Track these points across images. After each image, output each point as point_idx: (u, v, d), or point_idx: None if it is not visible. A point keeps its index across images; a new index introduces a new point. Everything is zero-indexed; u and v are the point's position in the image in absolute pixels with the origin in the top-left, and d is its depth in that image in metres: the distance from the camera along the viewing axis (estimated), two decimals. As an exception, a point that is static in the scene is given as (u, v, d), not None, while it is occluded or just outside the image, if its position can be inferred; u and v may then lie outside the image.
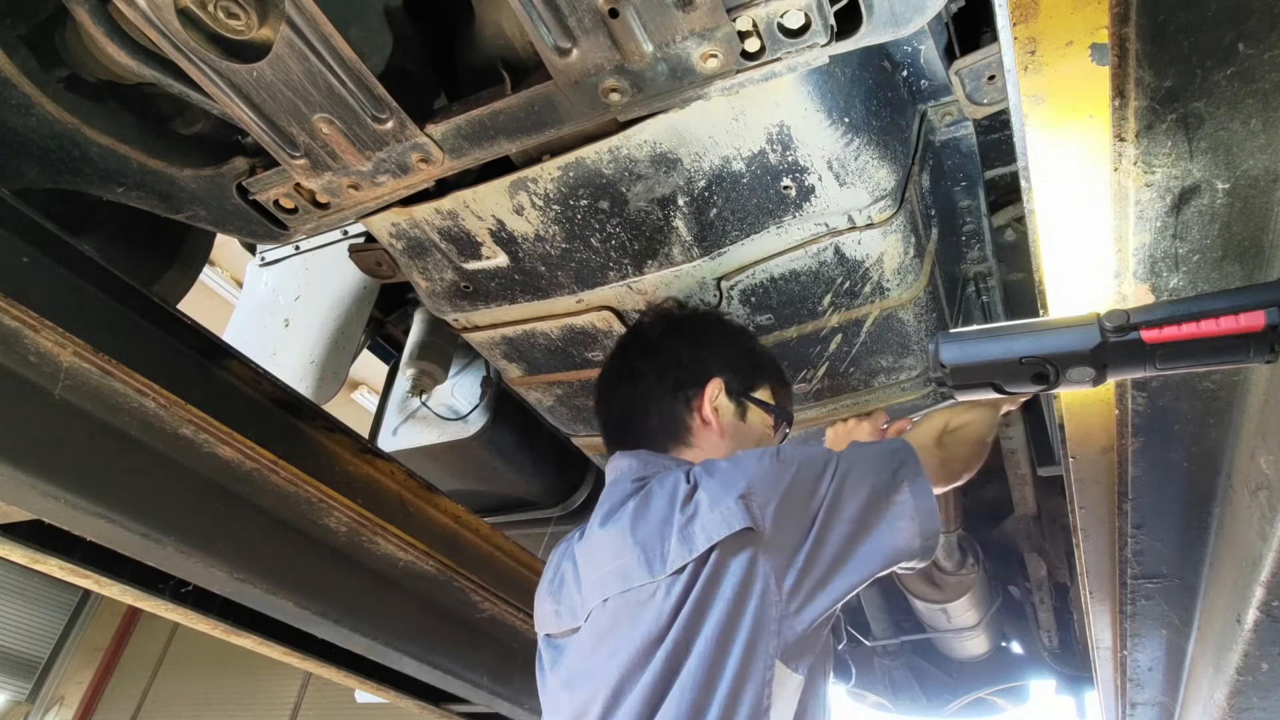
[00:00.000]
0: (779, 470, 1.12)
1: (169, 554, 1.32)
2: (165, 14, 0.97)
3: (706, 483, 1.12)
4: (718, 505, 1.08)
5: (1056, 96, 0.76)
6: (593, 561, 1.18)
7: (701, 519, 1.08)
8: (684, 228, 1.33)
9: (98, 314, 1.27)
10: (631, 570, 1.09)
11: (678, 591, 1.04)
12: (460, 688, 1.99)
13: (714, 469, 1.15)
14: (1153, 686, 1.93)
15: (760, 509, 1.07)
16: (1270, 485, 0.96)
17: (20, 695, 8.96)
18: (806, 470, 1.13)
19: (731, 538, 1.05)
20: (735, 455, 1.19)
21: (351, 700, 2.61)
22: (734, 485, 1.10)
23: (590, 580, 1.17)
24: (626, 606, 1.08)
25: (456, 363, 2.40)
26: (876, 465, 1.17)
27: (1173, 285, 0.93)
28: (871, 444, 1.25)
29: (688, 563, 1.06)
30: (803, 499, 1.11)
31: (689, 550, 1.06)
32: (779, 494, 1.10)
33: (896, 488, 1.15)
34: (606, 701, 1.04)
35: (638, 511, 1.15)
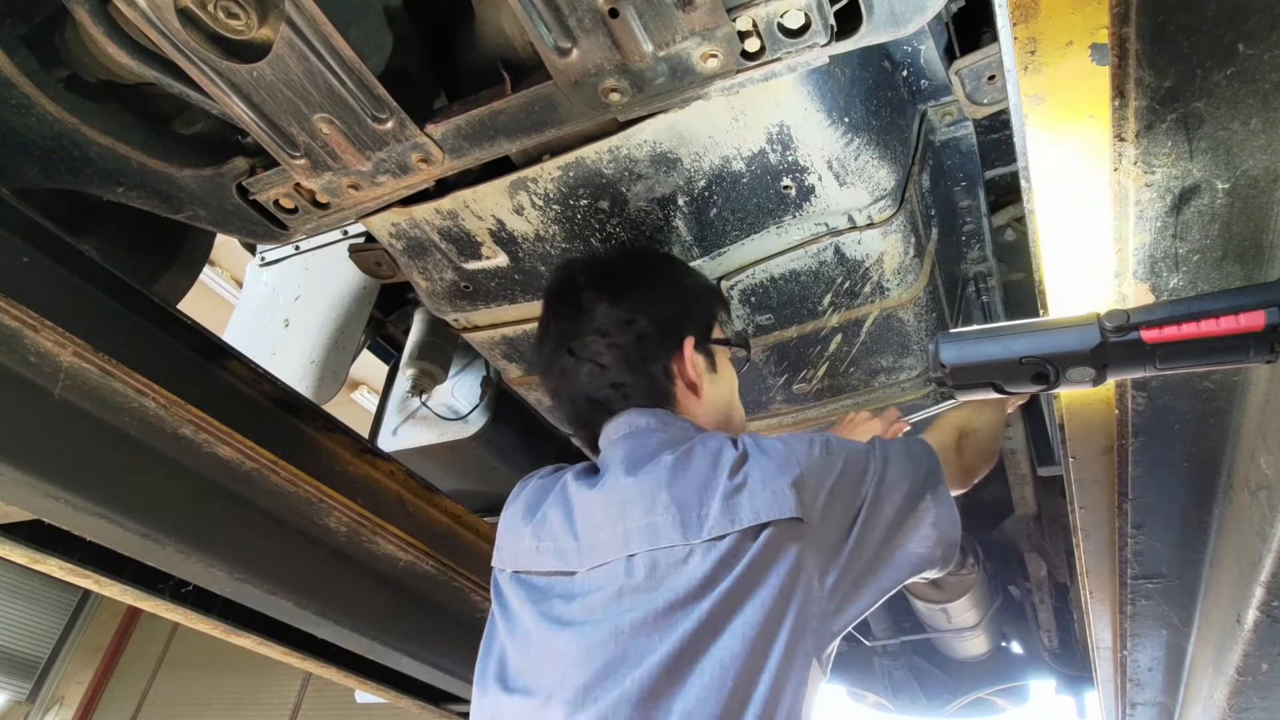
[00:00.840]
0: (829, 461, 1.07)
1: (169, 554, 1.32)
2: (165, 14, 0.97)
3: (758, 456, 1.06)
4: (769, 484, 1.02)
5: (1056, 96, 0.76)
6: (612, 510, 1.09)
7: (750, 491, 1.02)
8: (684, 227, 1.33)
9: (98, 314, 1.27)
10: (663, 528, 1.03)
11: (714, 561, 0.98)
12: (460, 688, 1.99)
13: (765, 445, 1.09)
14: (1153, 686, 1.93)
15: (811, 498, 1.02)
16: (1270, 485, 0.96)
17: (20, 695, 8.96)
18: (852, 466, 1.09)
19: (782, 523, 1.00)
20: (784, 437, 1.11)
21: (351, 700, 2.61)
22: (789, 468, 1.04)
23: (607, 529, 1.08)
24: (653, 564, 1.02)
25: (456, 363, 2.40)
26: (909, 468, 1.14)
27: (1173, 285, 0.93)
28: (900, 443, 1.19)
29: (729, 533, 0.99)
30: (849, 494, 1.07)
31: (731, 520, 1.00)
32: (829, 486, 1.05)
33: (923, 494, 1.13)
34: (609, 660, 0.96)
35: (677, 467, 1.08)
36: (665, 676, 0.92)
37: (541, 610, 1.09)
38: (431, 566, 1.79)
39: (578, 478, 1.19)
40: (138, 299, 1.35)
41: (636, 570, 1.02)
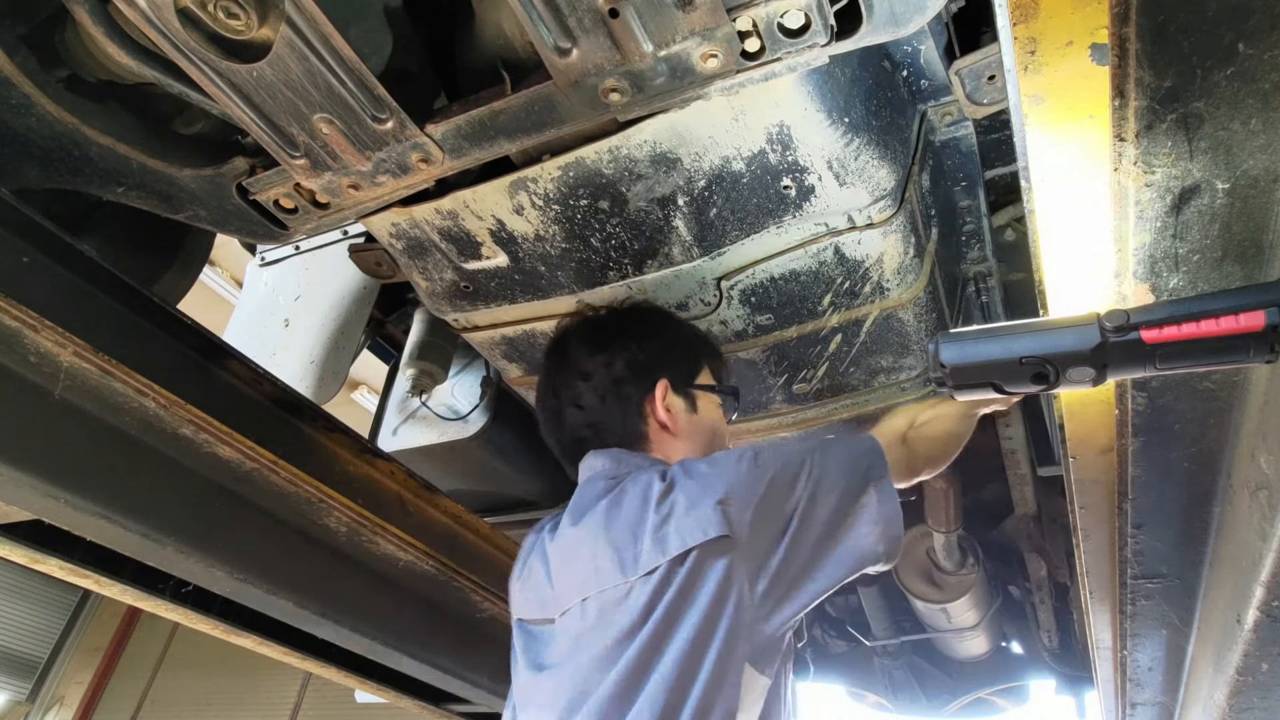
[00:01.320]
0: (756, 474, 1.12)
1: (169, 554, 1.32)
2: (165, 14, 0.97)
3: (684, 484, 1.13)
4: (694, 509, 1.08)
5: (1056, 96, 0.76)
6: (566, 559, 1.19)
7: (676, 521, 1.09)
8: (684, 227, 1.33)
9: (98, 314, 1.27)
10: (605, 570, 1.11)
11: (649, 592, 1.05)
12: (460, 688, 1.99)
13: (692, 470, 1.15)
14: (1153, 686, 1.93)
15: (737, 515, 1.08)
16: (1270, 485, 0.96)
17: (20, 695, 8.96)
18: (783, 474, 1.14)
19: (707, 544, 1.06)
20: (713, 457, 1.19)
21: (351, 700, 2.61)
22: (712, 490, 1.10)
23: (566, 577, 1.18)
24: (601, 606, 1.09)
25: (456, 363, 2.40)
26: (848, 467, 1.18)
27: (1173, 285, 0.93)
28: (843, 441, 1.23)
29: (660, 564, 1.06)
30: (778, 503, 1.12)
31: (662, 552, 1.07)
32: (756, 499, 1.10)
33: (864, 490, 1.16)
34: (573, 697, 1.05)
35: (610, 510, 1.16)
36: (615, 704, 1.01)
37: (530, 656, 1.20)
38: (431, 566, 1.79)
39: (553, 527, 1.29)
40: (138, 299, 1.35)
41: (589, 613, 1.10)
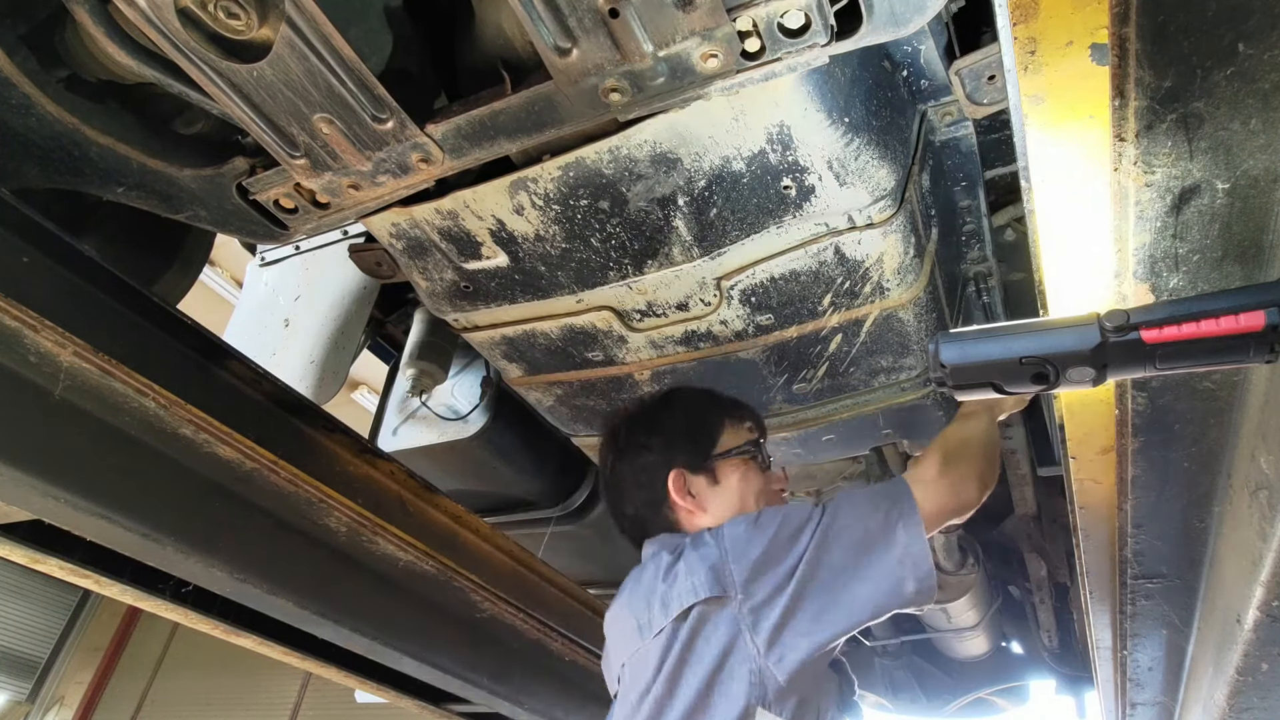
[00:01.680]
0: (753, 535, 1.22)
1: (169, 554, 1.32)
2: (165, 14, 0.97)
3: (689, 555, 1.25)
4: (691, 575, 1.20)
5: (1056, 96, 0.76)
6: (612, 633, 1.39)
7: (677, 587, 1.21)
8: (684, 227, 1.33)
9: (98, 314, 1.27)
10: (630, 638, 1.27)
11: (658, 651, 1.18)
12: (460, 688, 1.99)
13: (698, 541, 1.27)
14: (1153, 686, 1.93)
15: (730, 575, 1.18)
16: (1270, 485, 0.96)
17: (20, 695, 8.97)
18: (784, 529, 1.21)
19: (702, 604, 1.17)
20: (719, 528, 1.28)
21: (351, 700, 2.61)
22: (708, 556, 1.22)
23: (613, 649, 1.37)
24: (631, 670, 1.25)
25: (456, 363, 2.40)
26: (866, 510, 1.22)
27: (1173, 285, 0.93)
28: (865, 489, 1.30)
29: (664, 626, 1.19)
30: (779, 556, 1.19)
31: (665, 615, 1.20)
32: (752, 558, 1.19)
33: (889, 531, 1.18)
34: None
35: (636, 585, 1.33)
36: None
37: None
38: (431, 566, 1.79)
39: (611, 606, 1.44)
40: (138, 299, 1.35)
41: (625, 677, 1.27)
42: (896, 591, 1.15)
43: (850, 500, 1.25)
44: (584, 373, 1.71)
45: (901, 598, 1.15)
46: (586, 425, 1.90)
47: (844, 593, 1.15)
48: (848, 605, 1.15)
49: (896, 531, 1.17)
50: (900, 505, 1.21)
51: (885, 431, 1.81)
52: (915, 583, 1.15)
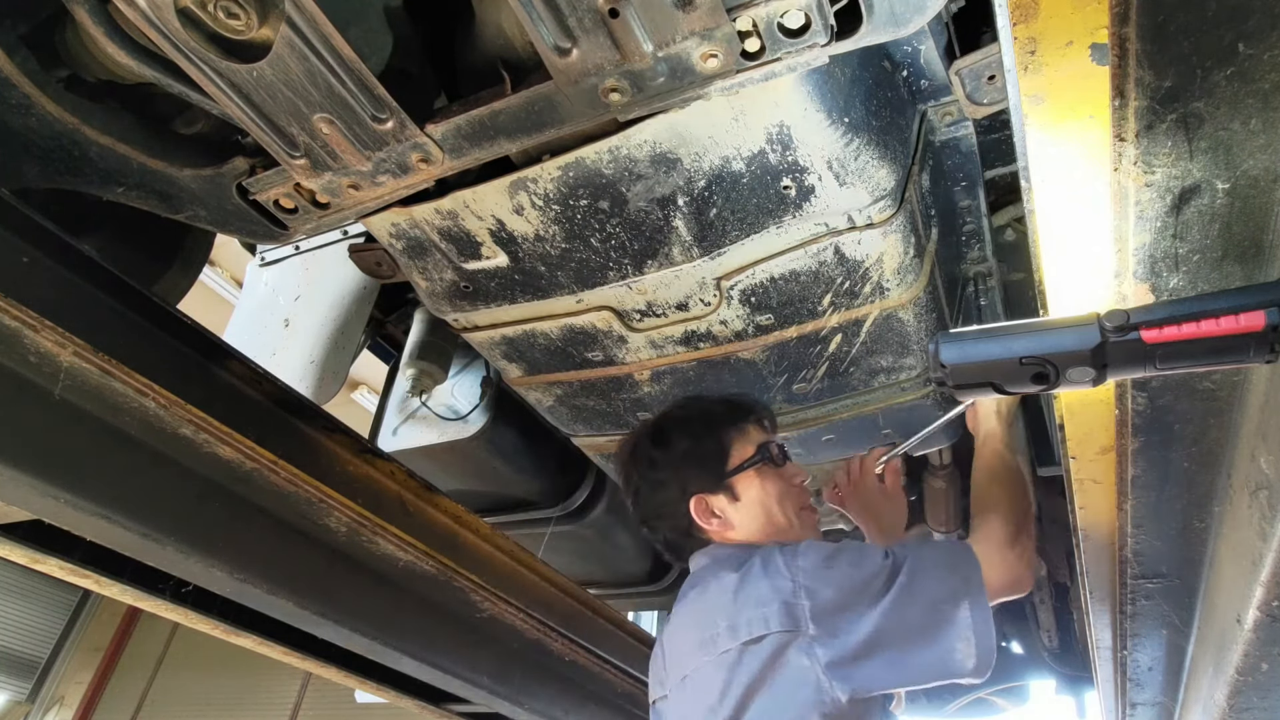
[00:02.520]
0: (828, 575, 1.23)
1: (169, 554, 1.32)
2: (165, 14, 0.97)
3: (759, 580, 1.26)
4: (763, 605, 1.22)
5: (1056, 96, 0.76)
6: (671, 643, 1.40)
7: (748, 613, 1.23)
8: (684, 228, 1.33)
9: (98, 314, 1.27)
10: (694, 651, 1.29)
11: (723, 672, 1.21)
12: (460, 688, 1.99)
13: (770, 566, 1.27)
14: (1153, 686, 1.93)
15: (804, 612, 1.20)
16: (1270, 485, 0.96)
17: (20, 695, 8.96)
18: (858, 575, 1.23)
19: (774, 635, 1.20)
20: (795, 550, 1.29)
21: (351, 700, 2.61)
22: (781, 589, 1.23)
23: (672, 659, 1.37)
24: (694, 684, 1.27)
25: (456, 363, 2.40)
26: (939, 577, 1.24)
27: (1173, 285, 0.93)
28: (936, 549, 1.33)
29: (730, 648, 1.22)
30: (852, 603, 1.21)
31: (733, 637, 1.23)
32: (825, 598, 1.21)
33: (956, 605, 1.21)
34: None
35: (698, 600, 1.35)
36: None
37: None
38: (431, 566, 1.79)
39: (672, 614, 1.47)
40: (138, 299, 1.35)
41: (686, 689, 1.29)
42: (960, 666, 1.19)
43: (923, 562, 1.25)
44: (584, 373, 1.71)
45: (961, 671, 1.19)
46: (586, 425, 1.90)
47: (911, 655, 1.19)
48: (913, 667, 1.20)
49: (962, 607, 1.20)
50: (970, 581, 1.23)
51: (885, 431, 1.80)
52: (975, 660, 1.18)
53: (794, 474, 1.53)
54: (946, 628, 1.19)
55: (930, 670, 1.20)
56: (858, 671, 1.18)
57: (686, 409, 1.56)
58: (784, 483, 1.49)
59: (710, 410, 1.53)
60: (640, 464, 1.52)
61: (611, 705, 2.51)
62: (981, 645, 1.19)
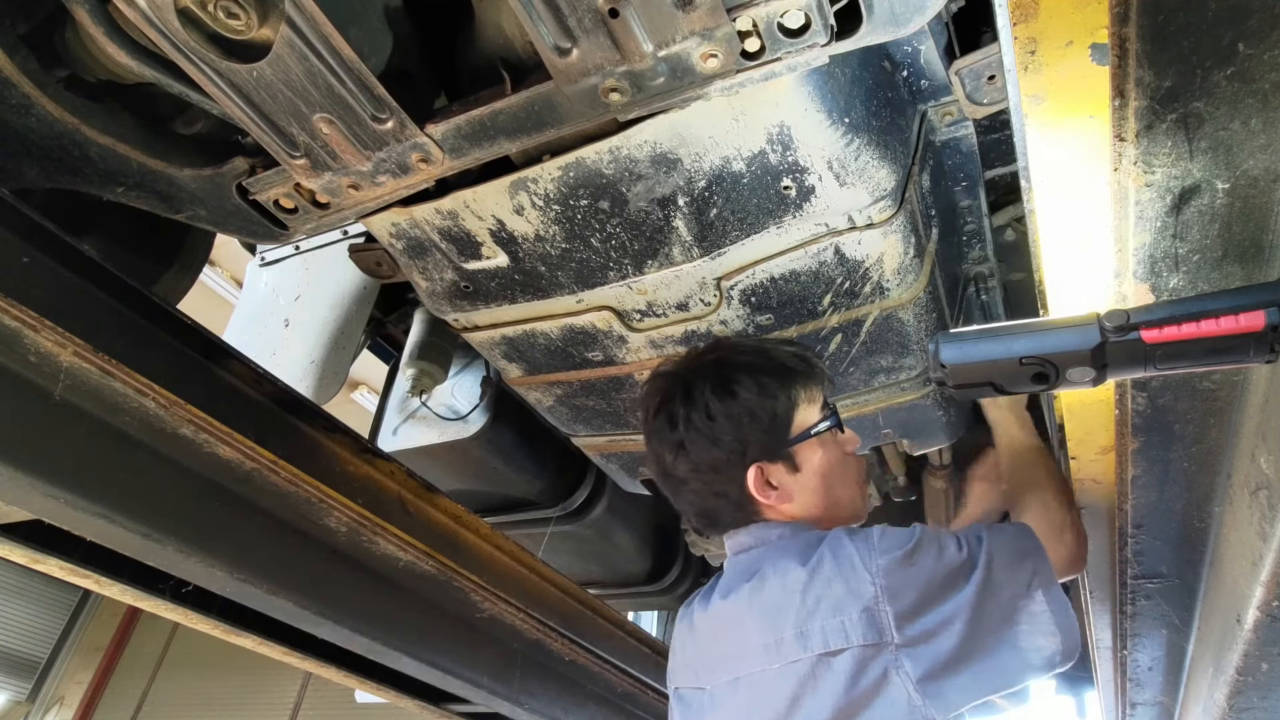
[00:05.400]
0: (909, 574, 1.10)
1: (169, 554, 1.32)
2: (165, 14, 0.97)
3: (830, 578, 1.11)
4: (840, 613, 1.08)
5: (1056, 96, 0.76)
6: (717, 635, 1.23)
7: (821, 620, 1.09)
8: (684, 228, 1.33)
9: (98, 314, 1.27)
10: (752, 654, 1.14)
11: (793, 682, 1.08)
12: (460, 688, 1.99)
13: (840, 556, 1.13)
14: (1153, 686, 1.93)
15: (887, 619, 1.07)
16: (1270, 485, 0.96)
17: (20, 695, 8.97)
18: (939, 570, 1.11)
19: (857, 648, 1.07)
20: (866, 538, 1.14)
21: (351, 700, 2.61)
22: (859, 593, 1.09)
23: (716, 652, 1.22)
24: (750, 688, 1.13)
25: (456, 363, 2.40)
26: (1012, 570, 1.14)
27: (1173, 285, 0.93)
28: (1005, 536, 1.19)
29: (803, 657, 1.08)
30: (934, 601, 1.09)
31: (804, 647, 1.09)
32: (908, 601, 1.08)
33: (1031, 598, 1.12)
34: None
35: (754, 594, 1.18)
36: None
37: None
38: (431, 566, 1.79)
39: (704, 597, 1.32)
40: (138, 299, 1.35)
41: (740, 693, 1.15)
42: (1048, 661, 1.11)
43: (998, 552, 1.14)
44: (584, 373, 1.71)
45: (1051, 666, 1.11)
46: (586, 425, 1.90)
47: (997, 659, 1.09)
48: (1001, 673, 1.10)
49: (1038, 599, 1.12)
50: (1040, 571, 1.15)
51: (885, 431, 1.81)
52: (1063, 654, 1.11)
53: (851, 441, 1.37)
54: (1028, 624, 1.10)
55: (1019, 672, 1.10)
56: (950, 685, 1.06)
57: (753, 355, 1.32)
58: (842, 451, 1.34)
59: (782, 361, 1.31)
60: (694, 413, 1.26)
61: (611, 705, 2.51)
62: (1067, 635, 1.10)
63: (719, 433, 1.25)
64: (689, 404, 1.27)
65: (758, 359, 1.30)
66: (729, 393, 1.26)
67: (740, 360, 1.30)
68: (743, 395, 1.26)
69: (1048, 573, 1.15)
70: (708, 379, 1.28)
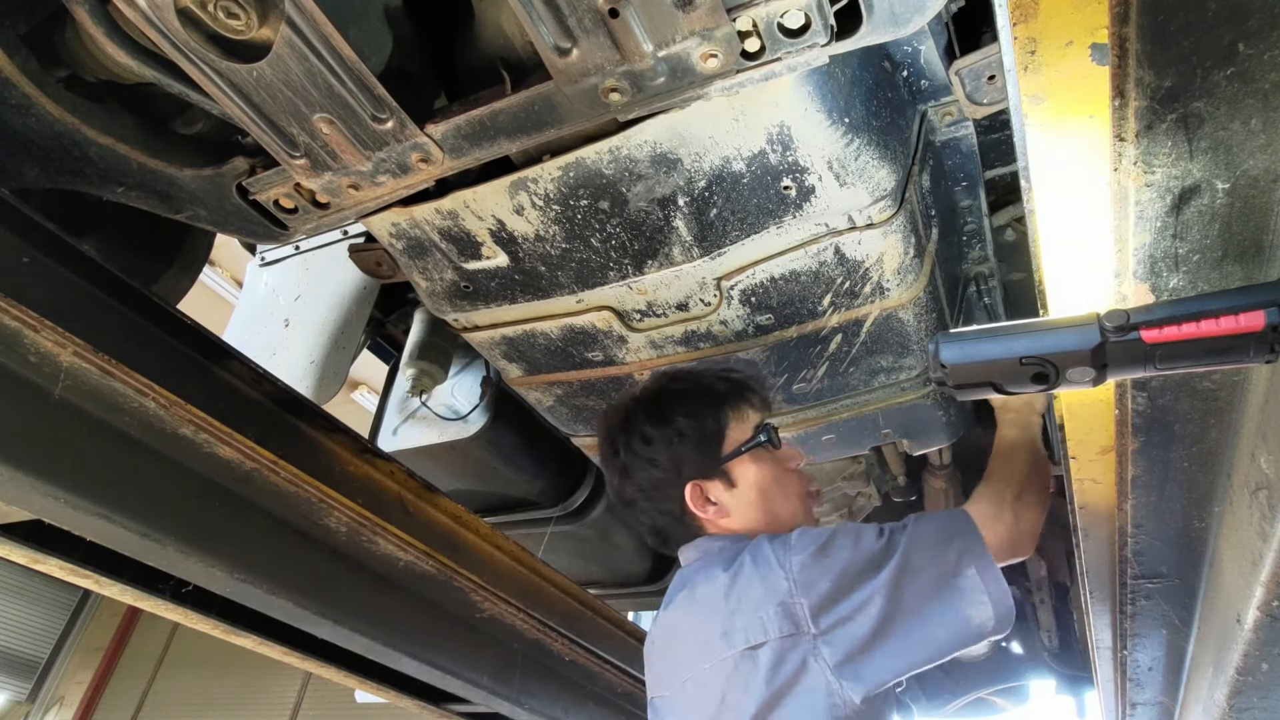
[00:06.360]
0: (823, 565, 1.18)
1: (169, 554, 1.32)
2: (165, 14, 0.97)
3: (752, 579, 1.20)
4: (759, 609, 1.17)
5: (1056, 96, 0.76)
6: (666, 641, 1.35)
7: (743, 617, 1.17)
8: (684, 228, 1.33)
9: (98, 314, 1.27)
10: (689, 657, 1.24)
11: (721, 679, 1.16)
12: (460, 688, 1.99)
13: (760, 560, 1.21)
14: (1153, 686, 1.93)
15: (802, 611, 1.15)
16: (1270, 485, 0.96)
17: (20, 695, 8.97)
18: (855, 560, 1.18)
19: (774, 640, 1.14)
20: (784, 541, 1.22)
21: (351, 700, 2.61)
22: (776, 589, 1.17)
23: (667, 661, 1.32)
24: (692, 689, 1.22)
25: (456, 363, 2.40)
26: (936, 550, 1.19)
27: (1173, 285, 0.93)
28: (931, 521, 1.26)
29: (727, 655, 1.16)
30: (850, 588, 1.16)
31: (728, 644, 1.17)
32: (822, 591, 1.15)
33: (960, 572, 1.17)
34: None
35: (688, 603, 1.29)
36: None
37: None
38: (431, 566, 1.79)
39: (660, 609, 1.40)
40: (138, 299, 1.35)
41: (687, 693, 1.23)
42: (976, 630, 1.16)
43: (921, 536, 1.21)
44: (584, 373, 1.71)
45: (981, 634, 1.16)
46: (586, 425, 1.90)
47: (921, 633, 1.15)
48: (926, 646, 1.15)
49: (968, 572, 1.17)
50: (968, 543, 1.20)
51: (885, 431, 1.81)
52: (994, 620, 1.16)
53: (791, 457, 1.46)
54: (954, 598, 1.15)
55: (946, 644, 1.16)
56: (867, 666, 1.13)
57: (685, 382, 1.44)
58: (780, 467, 1.42)
59: (711, 386, 1.43)
60: (632, 438, 1.40)
61: (611, 705, 2.51)
62: (998, 604, 1.15)
63: (654, 454, 1.38)
64: (628, 431, 1.41)
65: (689, 385, 1.43)
66: (661, 418, 1.40)
67: (673, 389, 1.44)
68: (673, 419, 1.39)
69: (979, 550, 1.20)
70: (643, 408, 1.42)
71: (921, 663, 1.16)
